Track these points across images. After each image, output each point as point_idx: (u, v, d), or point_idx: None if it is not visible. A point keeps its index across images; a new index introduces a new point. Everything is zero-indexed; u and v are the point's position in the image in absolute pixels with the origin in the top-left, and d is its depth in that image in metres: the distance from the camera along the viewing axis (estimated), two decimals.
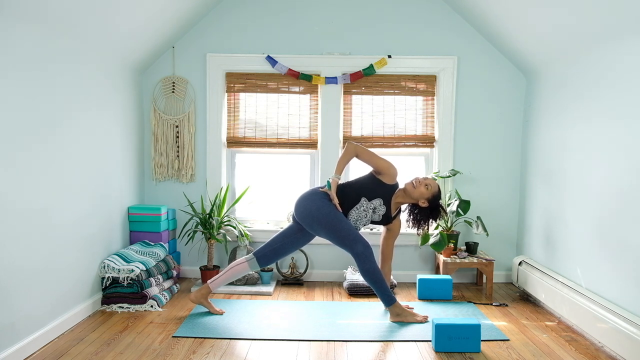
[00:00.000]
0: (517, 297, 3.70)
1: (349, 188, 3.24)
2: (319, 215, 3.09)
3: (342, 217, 3.12)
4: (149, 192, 4.10)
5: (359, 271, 3.11)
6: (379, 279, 3.08)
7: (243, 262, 3.24)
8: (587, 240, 3.03)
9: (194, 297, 3.23)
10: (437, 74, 4.03)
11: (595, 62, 2.97)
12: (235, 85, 4.07)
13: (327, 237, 3.16)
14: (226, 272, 3.24)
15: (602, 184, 2.88)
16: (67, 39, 2.83)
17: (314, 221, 3.11)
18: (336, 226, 3.07)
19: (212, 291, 3.24)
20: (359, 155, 3.20)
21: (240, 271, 3.24)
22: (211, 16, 3.99)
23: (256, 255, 3.24)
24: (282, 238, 3.29)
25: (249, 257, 3.25)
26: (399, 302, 3.17)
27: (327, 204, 3.12)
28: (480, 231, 3.70)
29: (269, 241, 3.31)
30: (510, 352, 2.69)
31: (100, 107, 3.31)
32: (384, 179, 3.22)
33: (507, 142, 4.05)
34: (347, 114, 4.08)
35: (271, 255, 3.25)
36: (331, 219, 3.08)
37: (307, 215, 3.13)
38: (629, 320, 2.52)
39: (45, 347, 2.66)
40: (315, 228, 3.15)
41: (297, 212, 3.20)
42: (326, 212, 3.09)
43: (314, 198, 3.16)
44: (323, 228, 3.11)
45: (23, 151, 2.51)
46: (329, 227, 3.08)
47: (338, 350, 2.70)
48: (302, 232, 3.27)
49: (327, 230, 3.10)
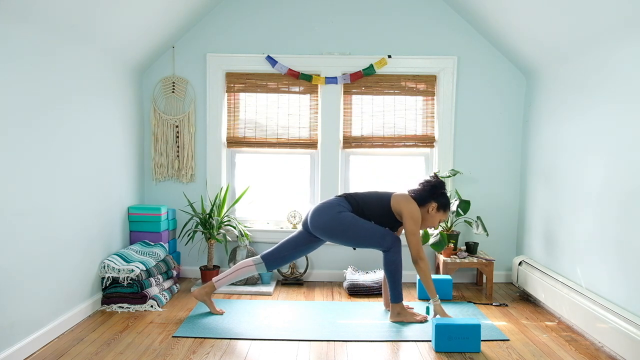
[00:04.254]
0: (517, 297, 3.70)
1: (367, 210, 3.14)
2: (341, 228, 3.04)
3: (361, 221, 3.07)
4: (149, 192, 4.10)
5: (383, 261, 3.10)
6: (399, 274, 3.09)
7: (250, 264, 3.21)
8: (587, 240, 3.03)
9: (197, 293, 3.22)
10: (437, 74, 4.03)
11: (595, 62, 2.97)
12: (235, 85, 4.07)
13: (352, 245, 3.15)
14: (232, 273, 3.22)
15: (602, 184, 2.88)
16: (67, 39, 2.83)
17: (337, 235, 3.07)
18: (360, 233, 3.04)
19: (216, 289, 3.24)
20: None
21: (246, 273, 3.22)
22: (211, 16, 3.99)
23: (264, 260, 3.21)
24: (294, 247, 3.22)
25: (256, 261, 3.21)
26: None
27: (344, 215, 3.06)
28: (480, 231, 3.70)
29: (278, 247, 3.25)
30: (510, 352, 2.69)
31: (101, 107, 3.31)
32: (401, 219, 3.14)
33: (507, 142, 4.05)
34: (347, 114, 4.08)
35: (280, 261, 3.23)
36: (354, 229, 3.04)
37: (328, 231, 3.08)
38: (629, 320, 2.52)
39: (45, 347, 2.66)
40: (337, 240, 3.12)
41: (315, 227, 3.12)
42: (347, 223, 3.04)
43: (330, 212, 3.08)
44: (348, 239, 3.08)
45: (23, 151, 2.51)
46: (354, 237, 3.05)
47: (338, 350, 2.70)
48: (313, 241, 3.23)
49: (353, 240, 3.08)
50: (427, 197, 3.15)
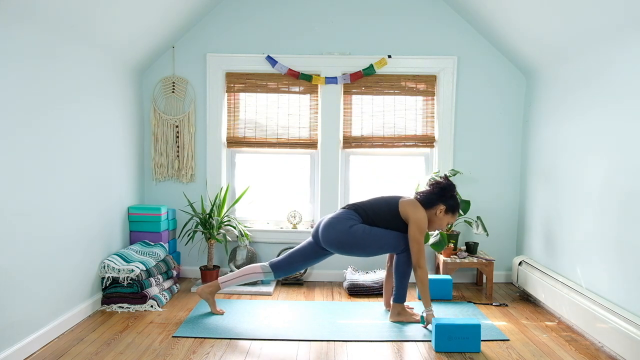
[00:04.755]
0: (517, 297, 3.70)
1: (377, 219, 3.11)
2: (354, 241, 3.02)
3: (373, 231, 3.04)
4: (149, 192, 4.10)
5: (395, 261, 3.10)
6: (408, 275, 3.10)
7: (258, 270, 3.19)
8: (587, 240, 3.03)
9: (201, 291, 3.21)
10: (437, 74, 4.03)
11: (595, 62, 2.97)
12: (235, 85, 4.07)
13: (366, 256, 3.14)
14: (239, 276, 3.20)
15: (602, 184, 2.88)
16: (67, 39, 2.83)
17: (350, 249, 3.05)
18: (374, 244, 3.03)
19: (221, 289, 3.23)
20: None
21: (253, 277, 3.21)
22: (211, 16, 3.99)
23: (273, 268, 3.18)
24: (303, 258, 3.19)
25: (265, 269, 3.18)
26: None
27: (356, 229, 3.02)
28: (480, 231, 3.70)
29: (288, 257, 3.21)
30: (510, 352, 2.69)
31: (100, 107, 3.31)
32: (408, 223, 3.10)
33: (507, 142, 4.05)
34: (347, 114, 4.08)
35: (288, 271, 3.21)
36: (367, 241, 3.02)
37: (341, 245, 3.05)
38: (629, 320, 2.52)
39: (45, 347, 2.66)
40: (351, 253, 3.10)
41: (327, 242, 3.07)
42: (359, 236, 3.01)
43: (341, 227, 3.03)
44: (362, 252, 3.06)
45: (23, 151, 2.51)
46: (368, 248, 3.04)
47: (338, 350, 2.70)
48: (323, 252, 3.20)
49: (367, 252, 3.06)
50: (435, 200, 3.11)
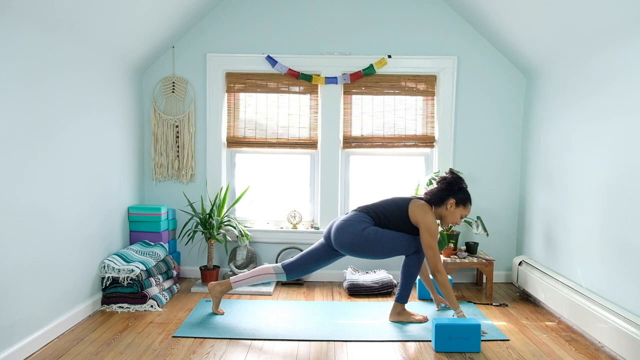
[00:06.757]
0: (517, 297, 3.70)
1: (388, 222, 3.09)
2: (366, 244, 3.01)
3: (385, 234, 3.02)
4: (149, 192, 4.10)
5: (404, 261, 3.11)
6: (414, 277, 3.11)
7: (271, 272, 3.18)
8: (587, 240, 3.03)
9: (212, 287, 3.20)
10: (437, 74, 4.03)
11: (595, 62, 2.97)
12: (235, 85, 4.07)
13: (379, 259, 3.13)
14: (251, 277, 3.18)
15: (602, 184, 2.88)
16: (67, 39, 2.83)
17: (363, 251, 3.04)
18: (386, 247, 3.02)
19: (232, 289, 3.23)
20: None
21: (266, 278, 3.20)
22: (211, 16, 3.99)
23: (286, 270, 3.17)
24: (316, 259, 3.18)
25: (277, 270, 3.17)
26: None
27: (368, 231, 3.01)
28: (480, 231, 3.70)
29: (300, 258, 3.20)
30: (510, 352, 2.69)
31: (100, 107, 3.31)
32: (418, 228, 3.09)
33: (507, 142, 4.05)
34: (347, 114, 4.08)
35: (301, 272, 3.20)
36: (380, 244, 3.01)
37: (354, 248, 3.03)
38: (629, 320, 2.52)
39: (45, 347, 2.66)
40: (363, 256, 3.09)
41: (339, 244, 3.06)
42: (372, 239, 3.00)
43: (354, 230, 3.02)
44: (375, 254, 3.05)
45: (23, 151, 2.51)
46: (380, 251, 3.03)
47: (338, 350, 2.70)
48: (335, 254, 3.19)
49: (380, 254, 3.06)
50: (444, 195, 3.09)
